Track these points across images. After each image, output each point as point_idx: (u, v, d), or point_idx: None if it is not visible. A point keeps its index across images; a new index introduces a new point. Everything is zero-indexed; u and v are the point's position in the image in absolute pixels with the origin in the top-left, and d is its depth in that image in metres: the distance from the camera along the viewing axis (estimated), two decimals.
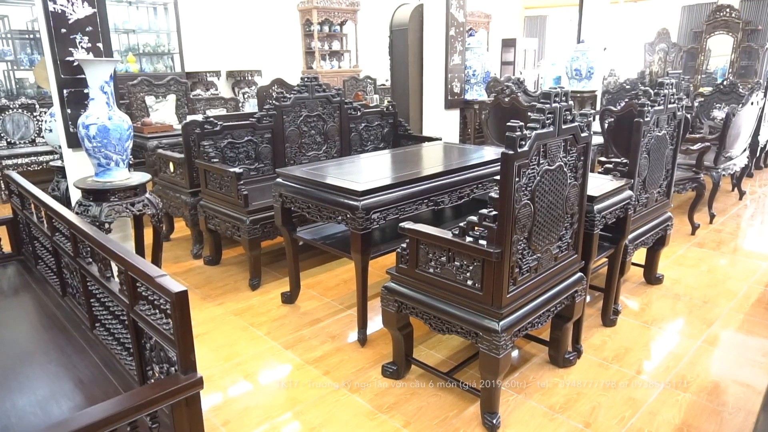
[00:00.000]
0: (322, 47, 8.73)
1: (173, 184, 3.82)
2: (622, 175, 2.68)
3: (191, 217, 3.65)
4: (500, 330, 1.85)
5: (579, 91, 6.47)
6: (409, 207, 2.64)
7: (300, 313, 2.97)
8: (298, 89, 3.88)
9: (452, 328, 2.01)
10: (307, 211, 2.68)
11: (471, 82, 4.88)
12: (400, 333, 2.26)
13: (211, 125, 3.48)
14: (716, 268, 3.56)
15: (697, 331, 2.75)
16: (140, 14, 6.93)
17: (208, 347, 2.64)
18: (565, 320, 2.30)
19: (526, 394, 2.23)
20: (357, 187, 2.44)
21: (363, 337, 2.62)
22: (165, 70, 7.14)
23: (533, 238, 1.93)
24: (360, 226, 2.40)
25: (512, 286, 1.89)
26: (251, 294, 3.22)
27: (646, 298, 3.12)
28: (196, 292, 3.25)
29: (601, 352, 2.55)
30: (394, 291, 2.19)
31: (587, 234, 2.30)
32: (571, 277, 2.24)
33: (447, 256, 1.98)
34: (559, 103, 1.87)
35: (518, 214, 1.81)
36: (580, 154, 2.07)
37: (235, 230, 3.25)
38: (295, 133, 3.89)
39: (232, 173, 3.16)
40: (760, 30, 9.29)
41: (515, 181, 1.75)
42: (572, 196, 2.09)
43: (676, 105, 2.86)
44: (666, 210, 3.12)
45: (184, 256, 3.83)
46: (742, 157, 4.84)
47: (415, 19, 4.54)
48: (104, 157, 2.60)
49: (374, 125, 4.41)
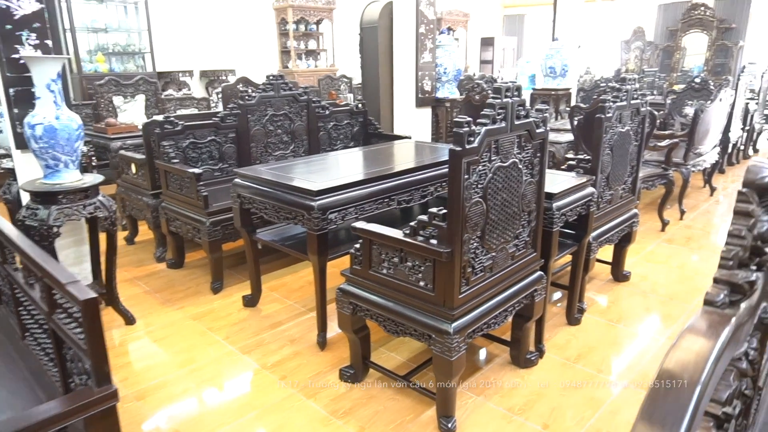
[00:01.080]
0: (298, 46, 8.65)
1: (135, 186, 3.72)
2: (585, 171, 2.66)
3: (153, 220, 3.56)
4: (452, 332, 1.80)
5: (554, 89, 6.48)
6: (369, 206, 2.59)
7: (261, 317, 2.90)
8: (263, 88, 3.80)
9: (406, 330, 1.95)
10: (265, 212, 2.61)
11: (442, 80, 4.84)
12: (357, 336, 2.21)
13: (171, 125, 3.39)
14: (685, 264, 3.56)
15: (662, 329, 2.73)
16: (109, 13, 6.79)
17: (164, 353, 2.56)
18: (525, 320, 2.26)
19: (486, 396, 2.18)
20: (313, 187, 2.38)
21: (322, 340, 2.56)
22: (136, 70, 7.01)
23: (487, 236, 1.88)
24: (316, 227, 2.34)
25: (465, 287, 1.84)
26: (213, 298, 3.14)
27: (613, 295, 3.10)
28: (156, 297, 3.16)
29: (565, 351, 2.51)
30: (348, 293, 2.13)
31: (546, 232, 2.26)
32: (530, 276, 2.20)
33: (399, 257, 1.92)
34: (512, 98, 1.82)
35: (469, 212, 1.76)
36: (536, 150, 2.03)
37: (195, 232, 3.17)
38: (261, 132, 3.81)
39: (191, 174, 3.07)
40: (734, 28, 9.38)
41: (465, 179, 1.70)
42: (529, 194, 2.04)
43: (640, 101, 2.84)
44: (632, 207, 3.10)
45: (147, 260, 3.73)
46: (712, 154, 4.86)
47: (384, 17, 4.49)
48: (52, 158, 2.51)
49: (343, 124, 4.35)
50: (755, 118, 6.67)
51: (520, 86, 1.85)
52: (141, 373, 2.40)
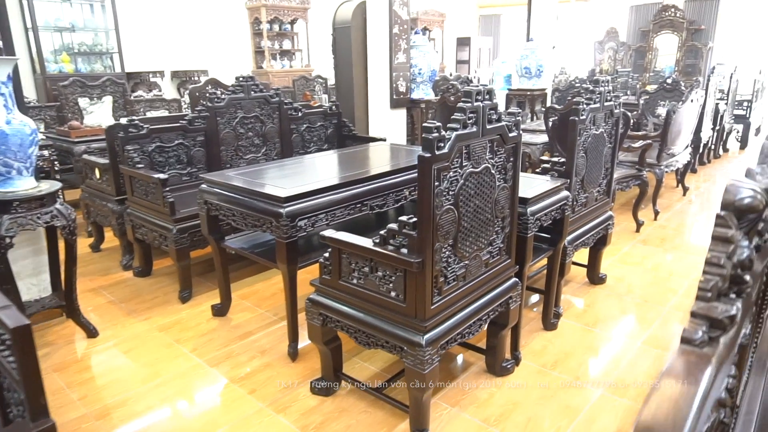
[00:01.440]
0: (272, 46, 8.51)
1: (100, 192, 3.59)
2: (560, 175, 2.62)
3: (118, 227, 3.42)
4: (425, 344, 1.74)
5: (529, 90, 6.49)
6: (341, 212, 2.51)
7: (231, 327, 2.80)
8: (233, 89, 3.70)
9: (377, 342, 1.89)
10: (233, 220, 2.51)
11: (417, 80, 4.78)
12: (328, 347, 2.13)
13: (136, 128, 3.27)
14: (660, 265, 3.56)
15: (638, 332, 2.71)
16: (75, 11, 6.57)
17: (127, 368, 2.45)
18: (500, 327, 2.21)
19: (461, 407, 2.13)
20: (281, 193, 2.30)
21: (293, 351, 2.47)
22: (103, 71, 6.81)
23: (459, 244, 1.83)
24: (285, 235, 2.26)
25: (437, 297, 1.79)
26: (181, 307, 3.03)
27: (589, 298, 3.08)
28: (121, 307, 3.04)
29: (541, 357, 2.47)
30: (318, 303, 2.05)
31: (521, 237, 2.22)
32: (505, 283, 2.15)
33: (369, 266, 1.86)
34: (482, 102, 1.77)
35: (440, 220, 1.70)
36: (509, 154, 1.98)
37: (162, 240, 3.05)
38: (231, 135, 3.71)
39: (156, 179, 2.96)
40: (704, 29, 9.55)
41: (435, 186, 1.64)
42: (502, 199, 1.99)
43: (613, 102, 2.82)
44: (607, 209, 3.09)
45: (113, 268, 3.60)
46: (684, 154, 4.90)
47: (357, 17, 4.41)
48: (4, 165, 2.37)
49: (317, 126, 4.27)
50: (725, 118, 6.77)
51: (492, 89, 1.79)
52: (102, 389, 2.29)
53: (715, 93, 5.87)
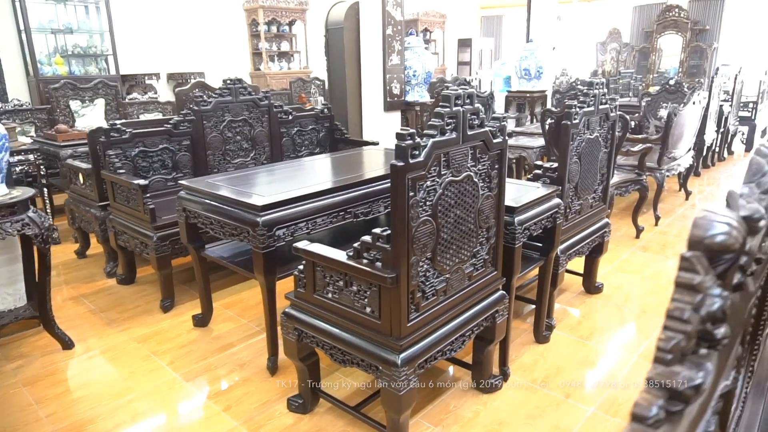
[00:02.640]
0: (270, 48, 8.43)
1: (83, 197, 3.51)
2: (552, 181, 2.51)
3: (102, 233, 3.34)
4: (400, 363, 1.64)
5: (529, 91, 6.37)
6: (323, 221, 2.42)
7: (211, 338, 2.71)
8: (220, 92, 3.61)
9: (353, 360, 1.79)
10: (211, 228, 2.42)
11: (412, 83, 4.68)
12: (304, 364, 2.03)
13: (118, 132, 3.19)
14: (660, 273, 3.44)
15: (635, 345, 2.60)
16: (69, 13, 6.51)
17: (100, 382, 2.36)
18: (487, 342, 2.11)
19: (444, 426, 2.02)
20: (258, 201, 2.20)
21: (273, 365, 2.37)
22: (98, 73, 6.74)
23: (438, 257, 1.72)
24: (261, 245, 2.16)
25: (414, 313, 1.68)
26: (162, 317, 2.94)
27: (585, 309, 2.97)
28: (101, 317, 2.95)
29: (531, 373, 2.36)
30: (293, 318, 1.95)
31: (508, 248, 2.11)
32: (491, 296, 2.05)
33: (344, 280, 1.76)
34: (462, 107, 1.66)
35: (416, 232, 1.60)
36: (494, 161, 1.88)
37: (143, 247, 2.96)
38: (218, 139, 3.62)
39: (136, 185, 2.87)
40: (708, 30, 9.40)
41: (410, 197, 1.54)
42: (486, 209, 1.89)
43: (609, 105, 2.71)
44: (603, 216, 2.97)
45: (97, 275, 3.51)
46: (686, 157, 4.77)
47: (350, 18, 4.32)
48: None
49: (308, 129, 4.17)
50: (730, 120, 6.63)
51: (473, 93, 1.69)
52: (72, 405, 2.20)
53: (719, 94, 5.74)
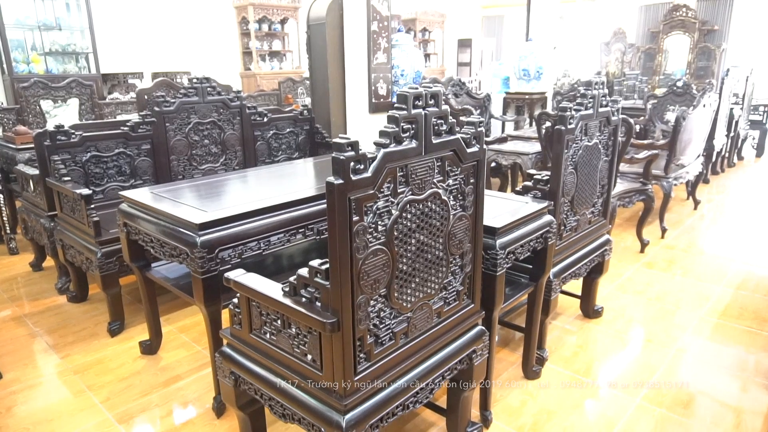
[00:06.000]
0: (261, 47, 8.13)
1: (34, 206, 3.20)
2: (543, 195, 2.19)
3: (51, 246, 3.03)
4: (345, 427, 1.32)
5: (528, 93, 6.05)
6: (278, 239, 2.10)
7: (157, 369, 2.40)
8: (185, 92, 3.30)
9: (293, 416, 1.47)
10: (151, 247, 2.11)
11: (399, 83, 4.37)
12: (244, 413, 1.71)
13: (65, 135, 2.89)
14: (666, 293, 3.11)
15: (638, 383, 2.26)
16: (47, 9, 6.23)
17: (19, 425, 2.04)
18: (463, 388, 1.78)
19: None
20: (197, 218, 1.89)
21: (219, 404, 2.06)
22: (78, 72, 6.46)
23: (396, 294, 1.40)
24: (201, 269, 1.85)
25: (365, 363, 1.36)
26: (108, 342, 2.63)
27: (581, 337, 2.64)
28: (42, 341, 2.65)
29: (517, 418, 2.04)
30: (229, 359, 1.64)
31: (489, 276, 1.79)
32: (467, 333, 1.72)
33: (281, 320, 1.44)
34: (425, 109, 1.34)
35: (364, 265, 1.28)
36: (469, 175, 1.55)
37: (88, 264, 2.66)
38: (183, 143, 3.31)
39: (78, 195, 2.56)
40: (717, 30, 9.05)
41: (354, 222, 1.22)
42: (459, 231, 1.57)
43: (610, 108, 2.39)
44: (603, 232, 2.64)
45: (47, 291, 3.21)
46: (695, 164, 4.44)
47: (333, 12, 4.01)
48: None
49: (285, 132, 3.86)
50: (740, 124, 6.29)
51: (438, 93, 1.37)
52: None
53: (729, 97, 5.40)
